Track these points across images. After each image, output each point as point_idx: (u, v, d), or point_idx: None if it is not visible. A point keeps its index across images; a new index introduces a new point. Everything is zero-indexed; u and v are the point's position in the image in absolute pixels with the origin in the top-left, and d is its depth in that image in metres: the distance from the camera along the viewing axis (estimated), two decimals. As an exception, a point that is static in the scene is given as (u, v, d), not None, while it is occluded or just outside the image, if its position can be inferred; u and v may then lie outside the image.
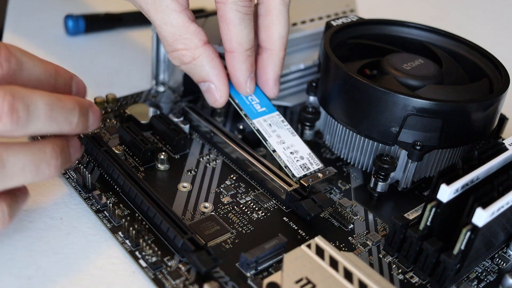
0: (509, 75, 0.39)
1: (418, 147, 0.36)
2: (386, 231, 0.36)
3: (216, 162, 0.40)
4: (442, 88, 0.39)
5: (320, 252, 0.30)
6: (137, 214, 0.34)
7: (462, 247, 0.30)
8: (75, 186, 0.36)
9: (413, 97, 0.35)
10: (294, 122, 0.45)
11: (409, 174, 0.38)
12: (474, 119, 0.36)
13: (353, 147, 0.39)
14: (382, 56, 0.42)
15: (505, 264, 0.34)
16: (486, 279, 0.33)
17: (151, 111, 0.43)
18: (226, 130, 0.41)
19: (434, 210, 0.31)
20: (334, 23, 0.43)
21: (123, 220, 0.33)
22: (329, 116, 0.40)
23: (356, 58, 0.42)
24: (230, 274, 0.31)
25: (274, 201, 0.37)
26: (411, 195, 0.39)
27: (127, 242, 0.32)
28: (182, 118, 0.42)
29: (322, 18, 0.50)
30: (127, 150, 0.39)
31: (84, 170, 0.35)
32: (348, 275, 0.29)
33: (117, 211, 0.33)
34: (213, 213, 0.35)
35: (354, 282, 0.29)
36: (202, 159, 0.40)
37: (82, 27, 0.55)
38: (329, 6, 0.51)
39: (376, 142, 0.38)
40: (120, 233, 0.33)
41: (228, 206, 0.36)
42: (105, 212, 0.34)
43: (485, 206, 0.29)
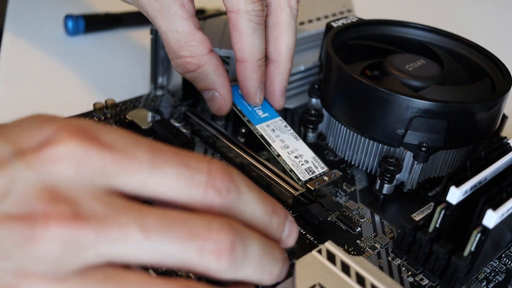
0: (511, 74, 0.39)
1: (423, 149, 0.36)
2: (393, 233, 0.36)
3: (219, 166, 0.39)
4: (445, 88, 0.39)
5: (331, 257, 0.30)
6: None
7: (473, 249, 0.30)
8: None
9: (419, 98, 0.35)
10: (296, 125, 0.45)
11: (414, 175, 0.37)
12: (479, 119, 0.36)
13: (357, 149, 0.39)
14: (382, 56, 0.42)
15: (512, 263, 0.34)
16: (495, 279, 0.33)
17: (152, 116, 0.42)
18: (229, 134, 0.40)
19: (443, 212, 0.31)
20: (335, 24, 0.43)
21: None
22: (332, 118, 0.40)
23: (356, 59, 0.42)
24: (241, 281, 0.31)
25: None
26: (416, 196, 0.39)
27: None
28: (183, 123, 0.41)
29: (320, 19, 0.49)
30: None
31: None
32: (360, 280, 0.29)
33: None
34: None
35: (367, 287, 0.29)
36: (205, 164, 0.39)
37: (82, 27, 0.55)
38: (326, 7, 0.51)
39: (380, 144, 0.38)
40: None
41: (234, 212, 0.36)
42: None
43: (495, 208, 0.30)
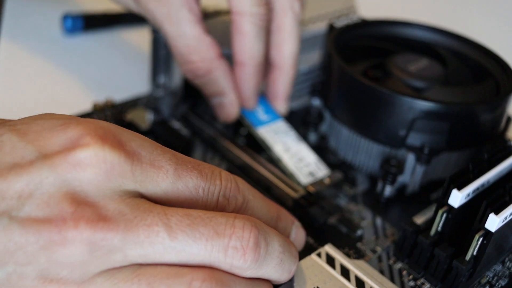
0: (515, 75, 0.39)
1: (426, 150, 0.35)
2: (395, 236, 0.35)
3: (220, 166, 0.39)
4: (449, 89, 0.38)
5: (330, 261, 0.30)
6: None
7: (475, 253, 0.30)
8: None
9: (422, 99, 0.34)
10: (297, 126, 0.44)
11: (416, 178, 0.37)
12: (483, 121, 0.36)
13: (358, 151, 0.39)
14: (384, 56, 0.41)
15: (516, 268, 0.34)
16: (497, 284, 0.33)
17: (151, 117, 0.42)
18: (230, 135, 0.40)
19: (445, 215, 0.31)
20: (337, 25, 0.43)
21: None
22: (334, 119, 0.40)
23: (358, 59, 0.42)
24: (239, 285, 0.30)
25: (280, 207, 0.36)
26: (417, 198, 0.39)
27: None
28: (183, 124, 0.41)
29: (321, 19, 0.49)
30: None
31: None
32: (360, 284, 0.29)
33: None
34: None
35: (366, 292, 0.28)
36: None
37: (80, 26, 0.54)
38: (328, 6, 0.51)
39: (381, 146, 0.37)
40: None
41: (234, 214, 0.35)
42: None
43: (497, 211, 0.29)
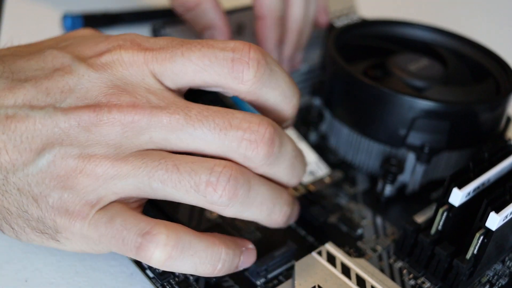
0: (515, 75, 0.39)
1: (426, 150, 0.35)
2: (395, 235, 0.35)
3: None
4: (449, 89, 0.38)
5: (331, 259, 0.30)
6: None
7: (475, 252, 0.30)
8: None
9: (422, 99, 0.34)
10: (298, 125, 0.45)
11: (417, 177, 0.37)
12: (483, 120, 0.36)
13: (359, 150, 0.39)
14: (385, 56, 0.41)
15: (516, 267, 0.34)
16: (498, 283, 0.33)
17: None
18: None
19: (446, 214, 0.31)
20: (337, 24, 0.43)
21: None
22: (334, 119, 0.40)
23: (358, 59, 0.42)
24: (240, 283, 0.30)
25: (280, 206, 0.36)
26: (418, 198, 0.39)
27: (133, 251, 0.31)
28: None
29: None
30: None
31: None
32: (361, 282, 0.29)
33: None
34: (219, 220, 0.34)
35: (367, 290, 0.28)
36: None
37: (80, 26, 0.54)
38: (329, 6, 0.51)
39: (382, 145, 0.37)
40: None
41: (234, 213, 0.35)
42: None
43: (498, 210, 0.29)
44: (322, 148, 0.42)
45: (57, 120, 0.26)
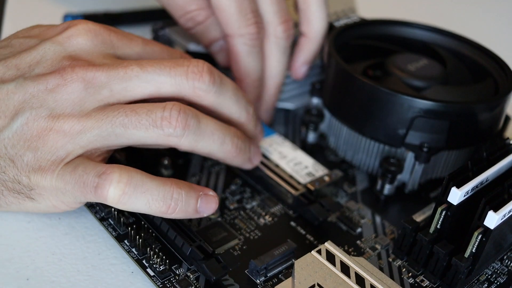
0: (514, 75, 0.39)
1: (425, 149, 0.36)
2: (394, 234, 0.35)
3: (220, 166, 0.39)
4: (448, 89, 0.38)
5: (330, 257, 0.30)
6: (143, 222, 0.33)
7: (474, 250, 0.30)
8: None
9: (421, 98, 0.35)
10: (297, 125, 0.45)
11: (415, 176, 0.37)
12: (482, 120, 0.36)
13: (358, 150, 0.39)
14: (385, 56, 0.41)
15: (514, 265, 0.34)
16: (496, 281, 0.33)
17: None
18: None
19: (444, 213, 0.31)
20: (337, 24, 0.43)
21: (129, 228, 0.32)
22: (333, 118, 0.40)
23: (358, 59, 0.42)
24: (240, 281, 0.31)
25: (280, 205, 0.36)
26: (417, 197, 0.39)
27: (134, 250, 0.32)
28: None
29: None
30: (129, 155, 0.39)
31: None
32: (360, 281, 0.29)
33: (122, 219, 0.33)
34: (219, 219, 0.35)
35: (366, 288, 0.28)
36: (205, 164, 0.39)
37: None
38: (328, 6, 0.51)
39: (381, 144, 0.38)
40: (126, 241, 0.32)
41: (234, 212, 0.35)
42: (109, 220, 0.33)
43: (496, 209, 0.29)
44: (321, 147, 0.42)
45: (26, 87, 0.30)
